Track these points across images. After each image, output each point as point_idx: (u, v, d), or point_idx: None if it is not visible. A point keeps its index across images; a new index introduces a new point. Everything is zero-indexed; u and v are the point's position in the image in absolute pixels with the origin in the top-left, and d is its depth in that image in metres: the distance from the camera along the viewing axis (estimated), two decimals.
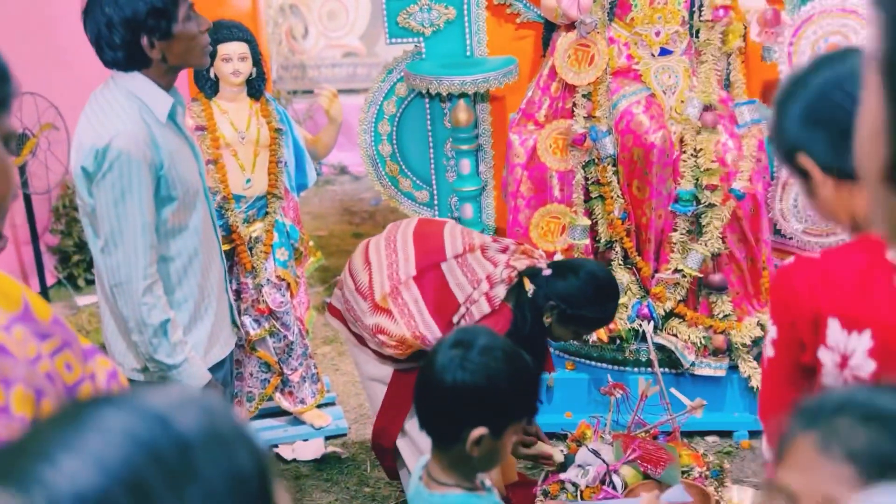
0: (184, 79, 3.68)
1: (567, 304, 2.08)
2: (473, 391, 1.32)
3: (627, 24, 2.91)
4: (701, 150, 2.79)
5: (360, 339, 2.31)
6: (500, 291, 2.12)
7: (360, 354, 2.34)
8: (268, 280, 2.91)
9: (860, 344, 1.08)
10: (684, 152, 2.81)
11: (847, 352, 1.09)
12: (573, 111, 2.91)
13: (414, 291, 2.16)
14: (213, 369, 1.92)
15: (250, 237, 2.89)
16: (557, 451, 2.21)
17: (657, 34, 2.89)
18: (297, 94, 6.41)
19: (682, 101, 2.84)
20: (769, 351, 1.20)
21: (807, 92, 1.14)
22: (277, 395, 3.06)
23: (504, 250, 2.22)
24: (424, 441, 1.44)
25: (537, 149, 2.93)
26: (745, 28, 2.84)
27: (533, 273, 2.15)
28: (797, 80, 1.17)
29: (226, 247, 2.84)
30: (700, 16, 2.85)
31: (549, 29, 3.04)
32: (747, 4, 2.83)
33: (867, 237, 1.12)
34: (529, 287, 2.13)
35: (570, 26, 2.84)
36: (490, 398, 1.33)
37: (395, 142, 3.40)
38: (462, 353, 1.34)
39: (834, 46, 2.72)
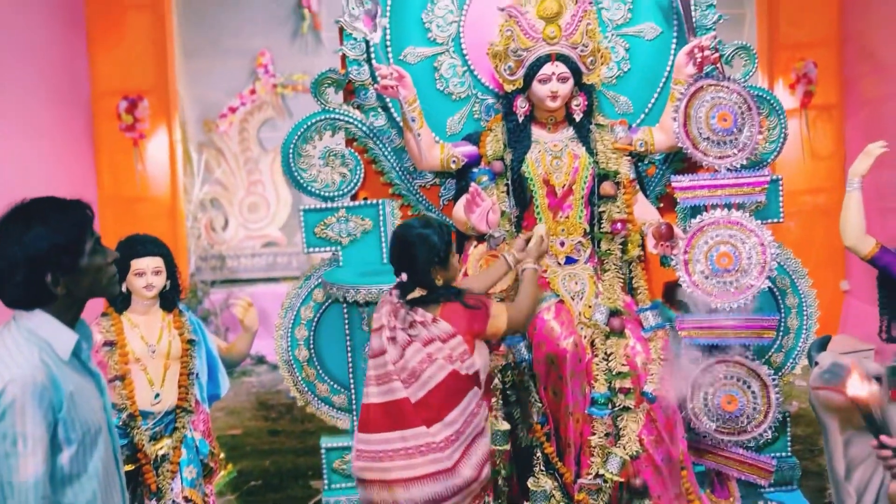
0: None
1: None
2: None
3: None
4: (611, 353, 2.88)
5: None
6: (425, 317, 2.36)
7: None
8: (174, 502, 2.73)
9: None
10: (596, 356, 2.89)
11: None
12: None
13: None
14: None
15: (156, 455, 2.74)
16: (535, 233, 2.69)
17: (562, 244, 3.05)
18: (216, 285, 6.38)
19: (590, 307, 2.96)
20: None
21: None
22: None
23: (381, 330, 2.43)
24: None
25: None
26: (643, 237, 3.04)
27: (403, 291, 2.44)
28: None
29: (129, 467, 2.69)
30: (600, 228, 3.05)
31: (462, 237, 3.18)
32: (643, 218, 3.05)
33: None
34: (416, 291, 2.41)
35: (481, 238, 2.98)
36: None
37: (312, 347, 3.38)
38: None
39: (725, 255, 2.93)
